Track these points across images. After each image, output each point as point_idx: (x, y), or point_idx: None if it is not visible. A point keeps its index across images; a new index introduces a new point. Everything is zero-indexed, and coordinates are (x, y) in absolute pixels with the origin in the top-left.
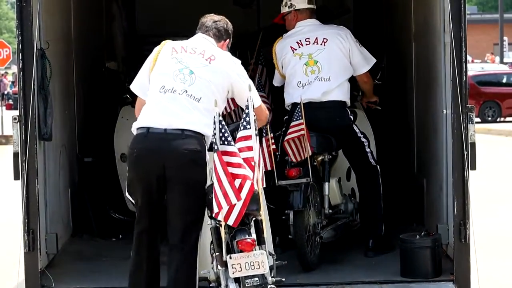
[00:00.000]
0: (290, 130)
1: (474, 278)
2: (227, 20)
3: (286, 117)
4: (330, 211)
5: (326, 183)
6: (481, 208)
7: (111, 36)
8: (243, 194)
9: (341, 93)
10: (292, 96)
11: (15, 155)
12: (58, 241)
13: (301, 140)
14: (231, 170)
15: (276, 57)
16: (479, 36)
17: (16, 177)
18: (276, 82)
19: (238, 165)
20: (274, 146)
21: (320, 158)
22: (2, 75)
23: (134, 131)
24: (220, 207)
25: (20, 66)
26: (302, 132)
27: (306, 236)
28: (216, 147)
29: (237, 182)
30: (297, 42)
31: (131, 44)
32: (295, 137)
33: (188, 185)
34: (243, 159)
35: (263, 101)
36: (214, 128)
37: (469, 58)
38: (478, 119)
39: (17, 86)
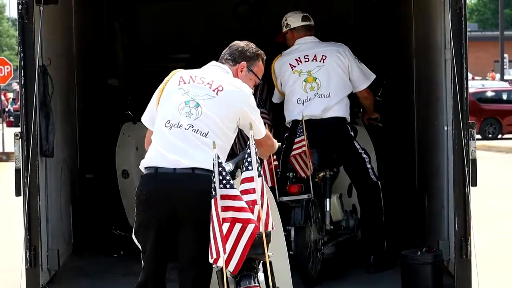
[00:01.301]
0: (295, 146)
1: None
2: (249, 43)
3: (287, 134)
4: (332, 227)
5: (328, 199)
6: (482, 224)
7: (113, 53)
8: (244, 239)
9: (341, 110)
10: (292, 113)
11: (17, 171)
12: (59, 257)
13: (302, 156)
14: (232, 214)
15: (275, 75)
16: (480, 53)
17: (17, 194)
18: (275, 99)
19: (240, 209)
20: (276, 163)
21: (321, 174)
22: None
23: (142, 169)
24: (218, 254)
25: (22, 83)
26: (304, 148)
27: (308, 252)
28: (214, 193)
29: (238, 227)
30: (296, 59)
31: (133, 61)
32: (300, 153)
33: (201, 228)
34: (247, 201)
35: (264, 117)
36: (214, 171)
37: (469, 75)
38: (478, 136)
39: (18, 103)
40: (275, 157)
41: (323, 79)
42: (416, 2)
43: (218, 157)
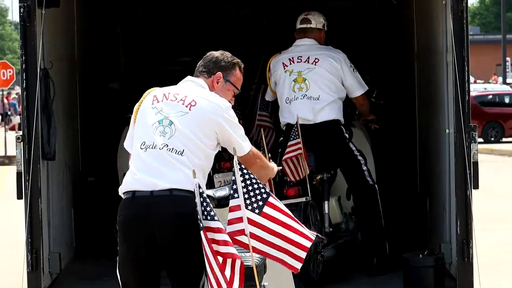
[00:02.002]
0: (287, 150)
1: None
2: (224, 52)
3: (281, 138)
4: (331, 229)
5: (326, 202)
6: (484, 227)
7: (115, 56)
8: (236, 277)
9: (333, 112)
10: (283, 114)
11: (19, 174)
12: (61, 260)
13: (298, 159)
14: (216, 248)
15: (270, 72)
16: (482, 56)
17: (19, 197)
18: (268, 97)
19: (224, 243)
20: None
21: (319, 177)
22: (5, 96)
23: (121, 195)
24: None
25: (24, 86)
26: (300, 151)
27: (308, 255)
28: (201, 225)
29: (229, 262)
30: (289, 59)
31: (135, 64)
32: (293, 157)
33: (185, 254)
34: (234, 232)
35: (265, 120)
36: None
37: (471, 78)
38: (481, 139)
39: (20, 106)
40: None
41: (311, 81)
42: (418, 5)
43: (200, 186)
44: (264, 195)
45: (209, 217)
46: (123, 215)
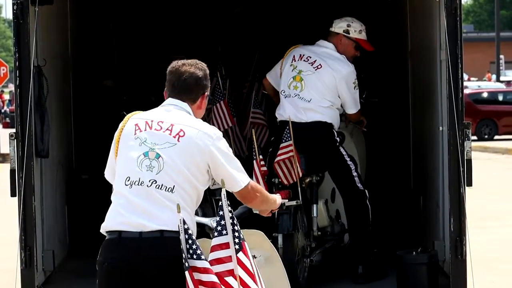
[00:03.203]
0: (280, 152)
1: None
2: (198, 64)
3: (273, 138)
4: (319, 233)
5: (315, 205)
6: (478, 225)
7: (108, 54)
8: None
9: (325, 116)
10: (279, 113)
11: (12, 172)
12: (55, 258)
13: (291, 161)
14: None
15: (284, 58)
16: (476, 54)
17: (12, 194)
18: (269, 75)
19: (212, 284)
20: (265, 168)
21: (307, 180)
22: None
23: (103, 232)
24: None
25: (17, 83)
26: (291, 153)
27: (296, 259)
28: (186, 264)
29: None
30: (300, 55)
31: (128, 62)
32: (285, 159)
33: None
34: (222, 272)
35: (259, 118)
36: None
37: (465, 76)
38: (474, 137)
39: (14, 104)
40: (263, 162)
41: (308, 84)
42: (412, 3)
43: (185, 222)
44: (241, 240)
45: (195, 256)
46: (108, 259)
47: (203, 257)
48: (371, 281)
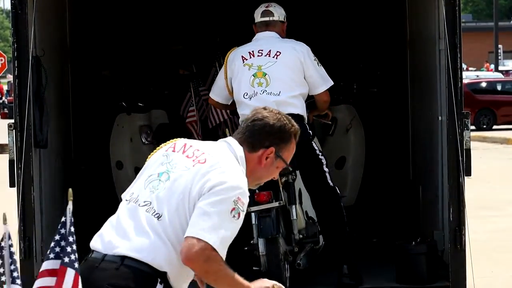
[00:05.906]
0: None
1: (470, 284)
2: (279, 114)
3: None
4: (300, 236)
5: (293, 206)
6: (477, 214)
7: (107, 44)
8: None
9: (299, 108)
10: (243, 110)
11: (11, 162)
12: None
13: None
14: None
15: (227, 66)
16: (474, 44)
17: (11, 185)
18: (213, 93)
19: None
20: None
21: (284, 179)
22: None
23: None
24: None
25: (16, 74)
26: None
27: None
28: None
29: None
30: (249, 52)
31: (127, 52)
32: None
33: None
34: None
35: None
36: None
37: (464, 66)
38: (473, 127)
39: (12, 95)
40: None
41: (273, 75)
42: None
43: (10, 237)
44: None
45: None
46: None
47: (18, 281)
48: (357, 280)
